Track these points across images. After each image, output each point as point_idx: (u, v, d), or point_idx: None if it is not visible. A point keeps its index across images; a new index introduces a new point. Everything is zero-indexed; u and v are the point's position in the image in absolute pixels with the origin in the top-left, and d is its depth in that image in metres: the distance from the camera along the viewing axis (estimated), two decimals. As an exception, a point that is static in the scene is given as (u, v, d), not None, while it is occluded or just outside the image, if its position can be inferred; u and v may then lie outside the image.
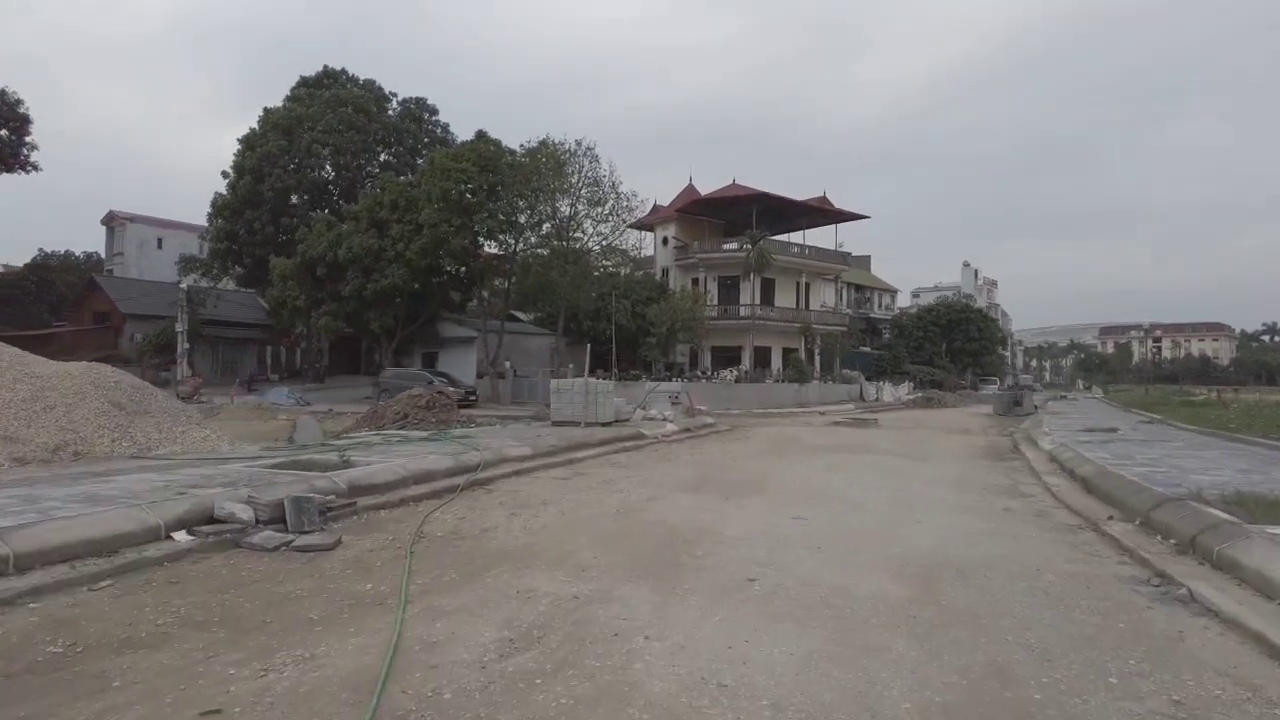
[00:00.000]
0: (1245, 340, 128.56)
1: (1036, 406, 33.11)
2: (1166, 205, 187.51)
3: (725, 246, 43.32)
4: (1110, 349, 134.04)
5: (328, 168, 43.26)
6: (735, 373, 34.33)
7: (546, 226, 35.11)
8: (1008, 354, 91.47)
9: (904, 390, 49.65)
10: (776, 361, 43.86)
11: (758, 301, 43.46)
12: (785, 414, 31.22)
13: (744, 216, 42.15)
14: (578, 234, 35.72)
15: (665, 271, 46.43)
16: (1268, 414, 23.64)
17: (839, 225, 49.38)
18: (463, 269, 36.77)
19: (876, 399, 44.83)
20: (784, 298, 46.21)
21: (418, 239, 33.00)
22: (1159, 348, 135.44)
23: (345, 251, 34.39)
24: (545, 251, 34.87)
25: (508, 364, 37.53)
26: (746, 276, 39.05)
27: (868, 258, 76.54)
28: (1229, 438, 17.93)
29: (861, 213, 47.81)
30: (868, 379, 46.95)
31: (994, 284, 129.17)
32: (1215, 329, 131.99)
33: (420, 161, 42.28)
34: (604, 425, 18.15)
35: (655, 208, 49.02)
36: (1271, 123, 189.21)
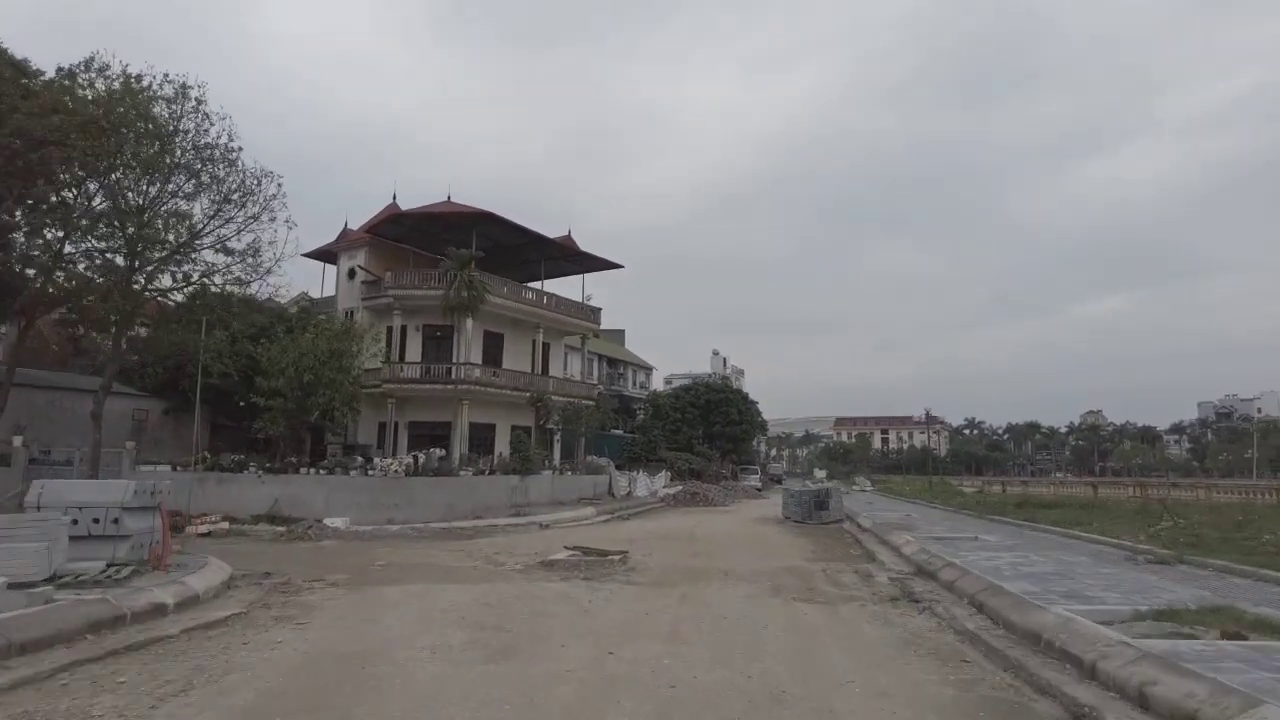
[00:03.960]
0: (955, 433, 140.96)
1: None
2: (881, 317, 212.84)
3: (431, 284, 31.18)
4: (848, 439, 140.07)
5: None
6: (408, 461, 21.98)
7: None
8: (757, 442, 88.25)
9: (661, 481, 40.17)
10: (504, 442, 32.01)
11: (475, 360, 31.73)
12: (486, 528, 19.39)
13: (461, 246, 30.72)
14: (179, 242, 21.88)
15: (350, 315, 33.05)
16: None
17: (586, 276, 39.78)
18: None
19: (629, 493, 34.63)
20: (515, 358, 34.97)
21: None
22: (886, 439, 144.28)
23: None
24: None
25: (16, 439, 21.76)
26: (449, 316, 27.27)
27: (621, 331, 68.79)
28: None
29: (614, 260, 38.72)
30: (618, 467, 36.81)
31: (741, 372, 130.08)
32: (934, 421, 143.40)
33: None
34: None
35: (344, 232, 35.98)
36: (960, 255, 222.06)
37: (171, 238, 21.39)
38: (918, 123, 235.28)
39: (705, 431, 53.95)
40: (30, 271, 20.41)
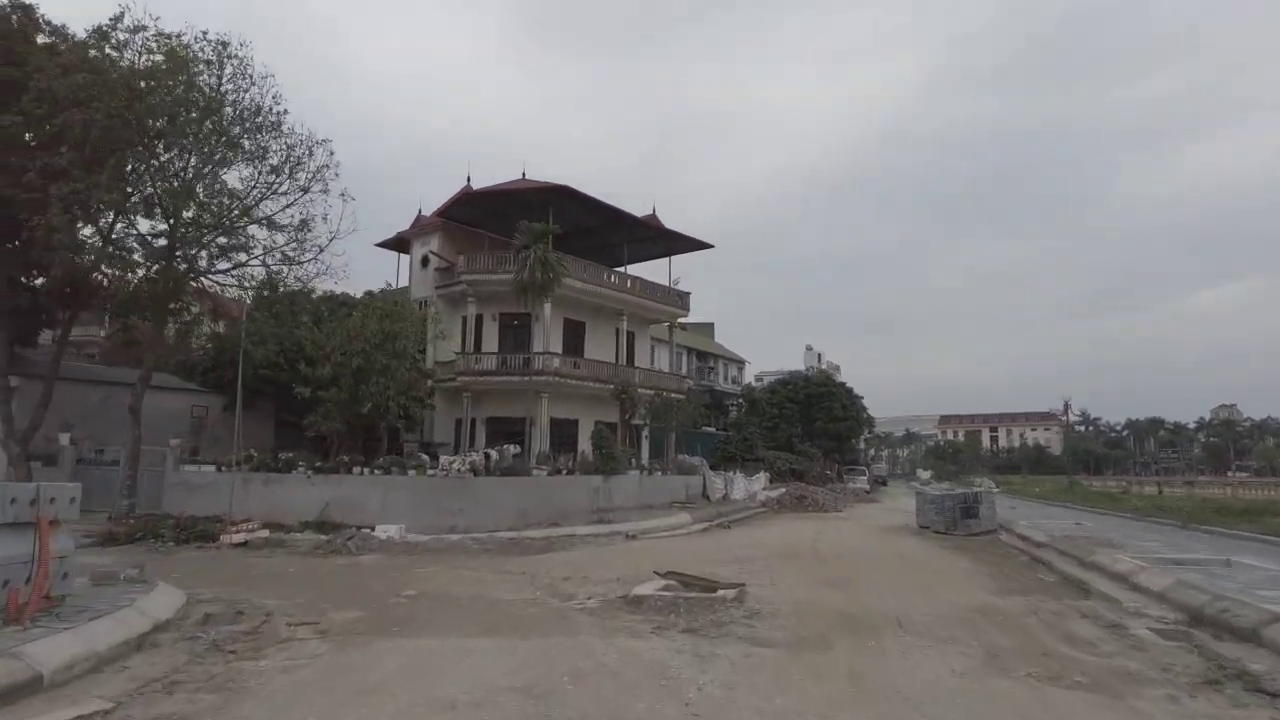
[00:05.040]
0: (1069, 430, 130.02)
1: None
2: (980, 311, 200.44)
3: (506, 267, 28.32)
4: (953, 437, 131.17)
5: None
6: (474, 458, 18.94)
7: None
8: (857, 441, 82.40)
9: (759, 483, 36.19)
10: (587, 440, 28.83)
11: (555, 349, 28.78)
12: (561, 539, 16.16)
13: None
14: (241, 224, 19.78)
15: (423, 305, 30.67)
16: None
17: (674, 258, 36.20)
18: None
19: (725, 496, 30.91)
20: (598, 348, 31.86)
21: None
22: (995, 436, 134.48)
23: None
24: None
25: (64, 436, 20.02)
26: (524, 299, 24.22)
27: (710, 324, 64.92)
28: None
29: (703, 240, 35.02)
30: (712, 467, 33.11)
31: (837, 368, 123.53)
32: (1045, 418, 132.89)
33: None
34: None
35: (417, 219, 33.78)
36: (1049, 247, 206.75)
37: (215, 210, 19.21)
38: (1014, 108, 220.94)
39: (805, 429, 49.49)
40: (85, 259, 18.49)
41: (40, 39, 18.81)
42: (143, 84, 17.92)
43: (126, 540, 14.93)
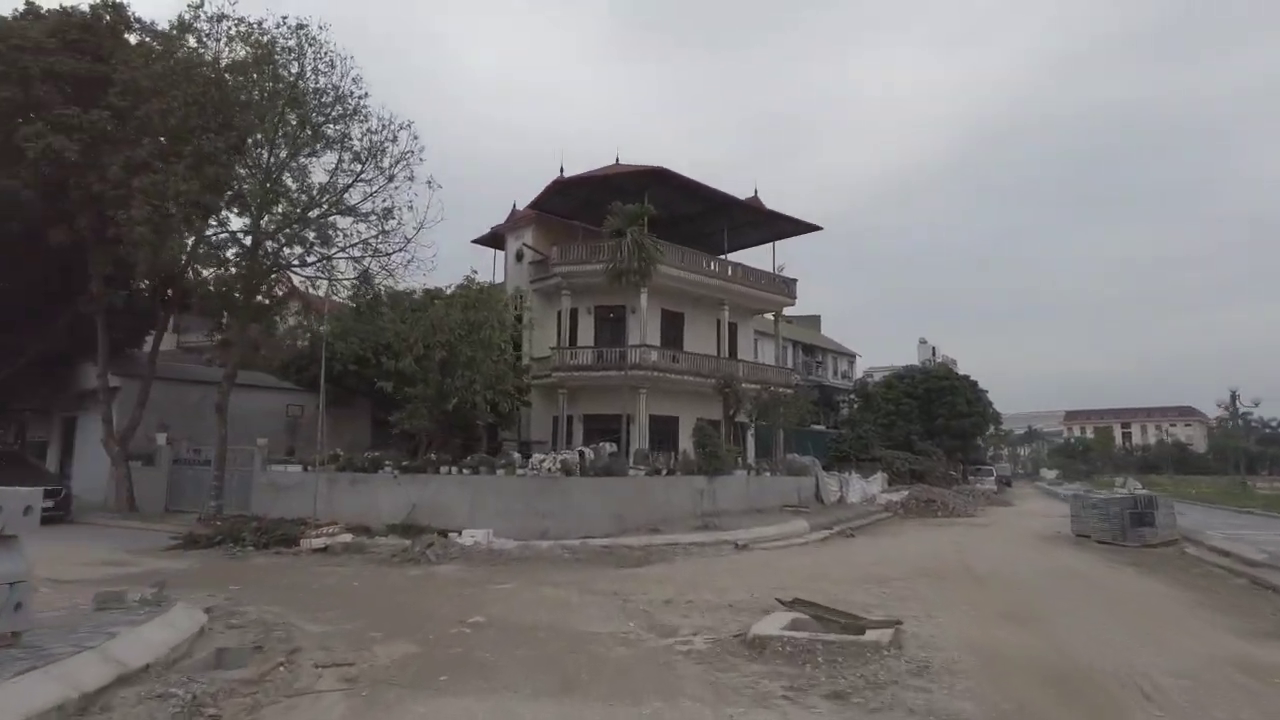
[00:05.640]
0: (1215, 425, 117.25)
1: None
2: (1105, 301, 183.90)
3: (600, 257, 26.74)
4: (1087, 434, 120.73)
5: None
6: (565, 457, 17.30)
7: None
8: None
9: (877, 485, 33.20)
10: (687, 438, 26.85)
11: (653, 342, 27.01)
12: (662, 548, 14.28)
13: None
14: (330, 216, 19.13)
15: (520, 300, 29.59)
16: None
17: (776, 246, 33.68)
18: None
19: (840, 499, 28.27)
20: (698, 341, 29.85)
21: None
22: (1128, 433, 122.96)
23: None
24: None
25: (161, 436, 19.85)
26: (618, 286, 22.52)
27: (816, 317, 61.65)
28: None
29: (812, 222, 32.37)
30: (824, 468, 30.45)
31: (954, 363, 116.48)
32: (1185, 413, 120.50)
33: None
34: None
35: (511, 214, 32.80)
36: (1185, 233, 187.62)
37: (304, 202, 18.54)
38: (1143, 84, 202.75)
39: (925, 427, 45.74)
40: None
41: (131, 38, 18.71)
42: (229, 78, 17.44)
43: (206, 544, 14.17)
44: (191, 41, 17.63)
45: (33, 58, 16.17)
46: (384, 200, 18.87)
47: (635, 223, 21.67)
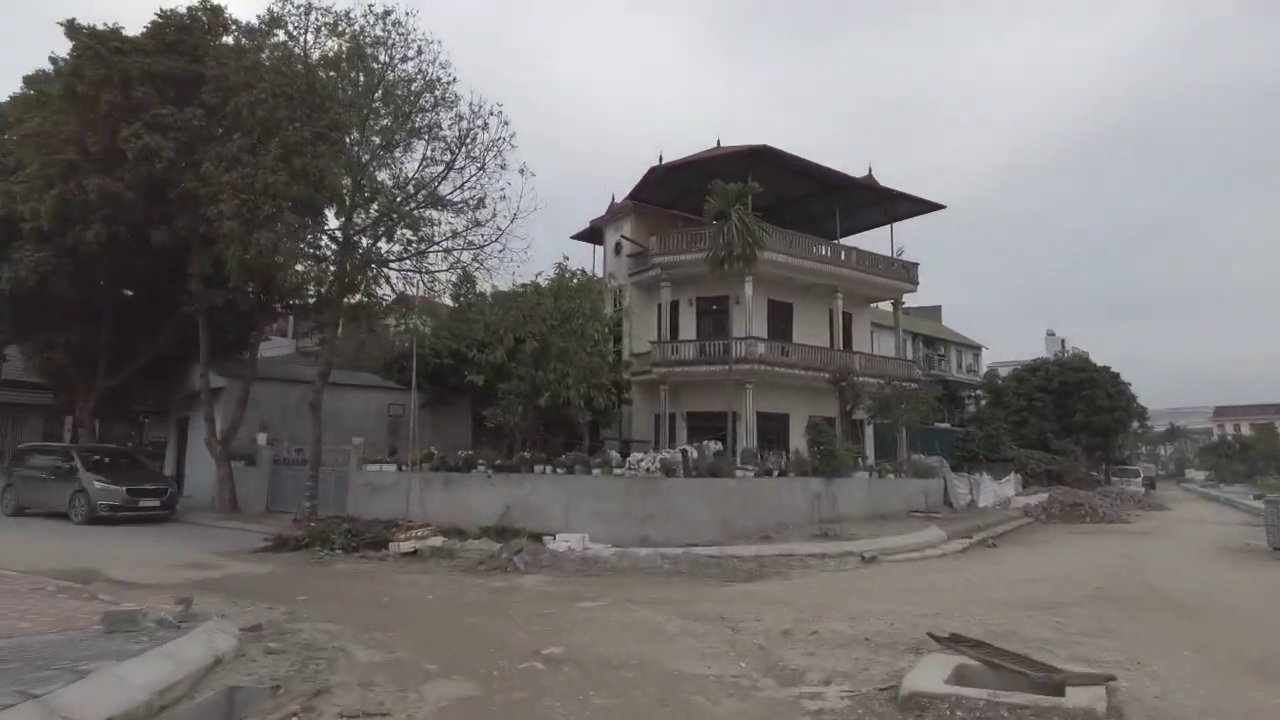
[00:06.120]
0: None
1: None
2: (1257, 288, 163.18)
3: (701, 245, 25.13)
4: (1241, 431, 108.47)
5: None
6: (666, 456, 15.82)
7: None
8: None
9: (1010, 487, 30.01)
10: (799, 438, 24.83)
11: (759, 333, 25.24)
12: (775, 559, 12.57)
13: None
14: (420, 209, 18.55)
15: (619, 294, 28.46)
16: None
17: (895, 225, 30.99)
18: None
19: (970, 502, 25.54)
20: (809, 333, 27.78)
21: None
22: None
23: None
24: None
25: (261, 436, 19.83)
26: (719, 272, 20.84)
27: (937, 308, 57.65)
28: None
29: (934, 200, 29.59)
30: (952, 468, 27.67)
31: (1086, 355, 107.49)
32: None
33: None
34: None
35: (611, 206, 31.76)
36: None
37: (399, 197, 18.00)
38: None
39: (1061, 423, 41.53)
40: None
41: (227, 39, 18.74)
42: (321, 74, 17.11)
43: (295, 546, 13.63)
44: (281, 35, 17.46)
45: (133, 60, 16.29)
46: (476, 190, 18.11)
47: (738, 201, 20.00)
